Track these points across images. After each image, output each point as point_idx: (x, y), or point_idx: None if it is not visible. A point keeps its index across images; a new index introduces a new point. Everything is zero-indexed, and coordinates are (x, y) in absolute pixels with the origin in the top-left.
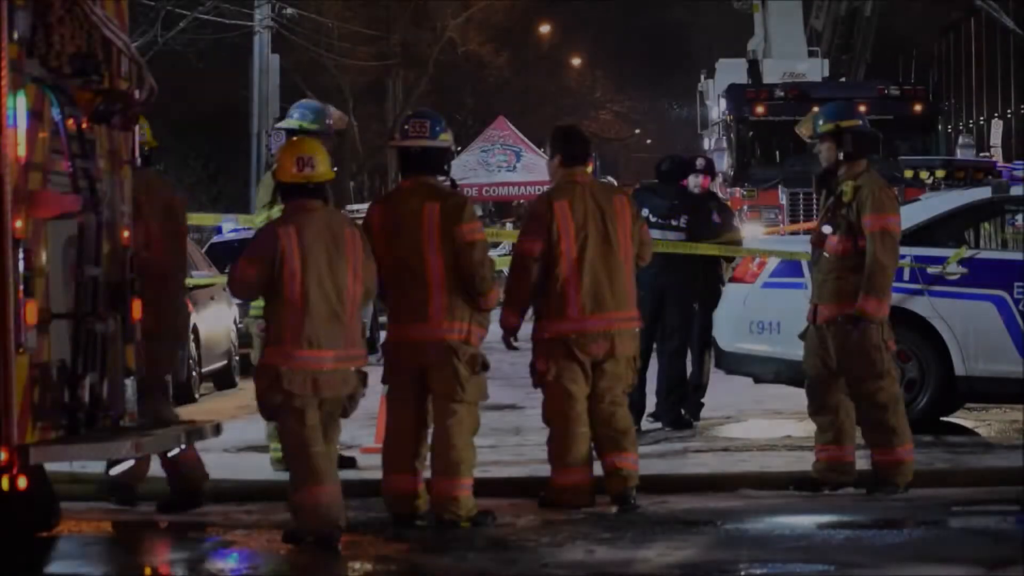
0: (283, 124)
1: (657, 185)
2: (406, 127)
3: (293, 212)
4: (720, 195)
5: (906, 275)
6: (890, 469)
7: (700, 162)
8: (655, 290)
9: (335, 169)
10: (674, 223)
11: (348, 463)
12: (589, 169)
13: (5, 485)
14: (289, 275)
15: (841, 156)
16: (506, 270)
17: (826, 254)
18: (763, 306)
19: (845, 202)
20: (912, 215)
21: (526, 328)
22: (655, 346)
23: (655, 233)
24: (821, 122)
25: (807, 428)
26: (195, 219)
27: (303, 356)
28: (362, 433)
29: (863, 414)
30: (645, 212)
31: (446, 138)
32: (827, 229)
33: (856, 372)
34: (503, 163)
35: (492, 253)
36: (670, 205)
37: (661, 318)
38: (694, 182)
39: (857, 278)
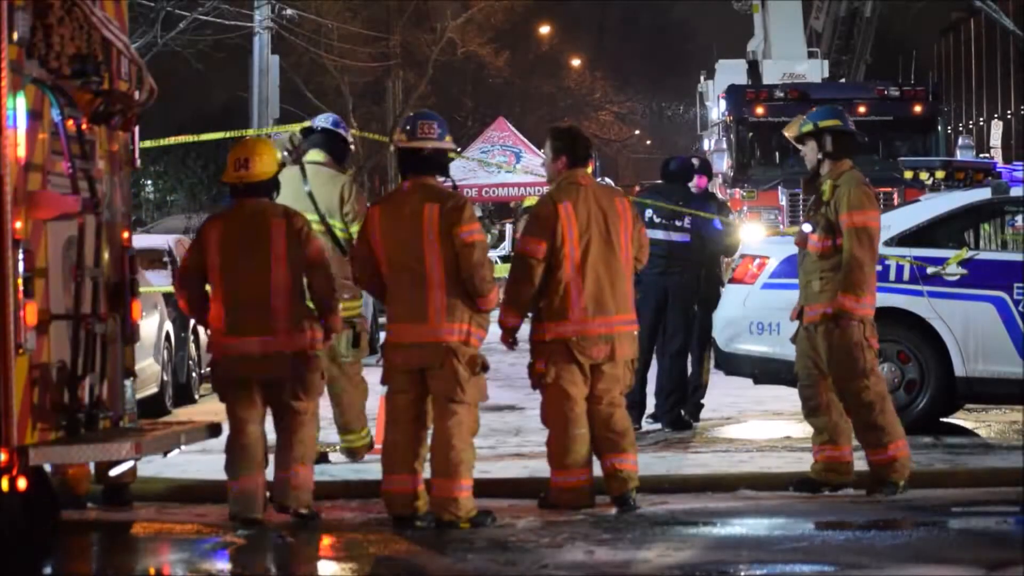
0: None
1: (662, 185)
2: (408, 127)
3: (228, 209)
4: (719, 195)
5: (906, 276)
6: (885, 468)
7: (696, 162)
8: (658, 291)
9: (349, 170)
10: (678, 223)
11: (322, 458)
12: (589, 170)
13: (5, 486)
14: (210, 268)
15: (821, 156)
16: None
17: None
18: (763, 307)
19: (824, 201)
20: (912, 216)
21: (523, 328)
22: (655, 347)
23: (659, 233)
24: (805, 124)
25: (806, 429)
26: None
27: (230, 343)
28: None
29: (852, 414)
30: (649, 213)
31: (449, 139)
32: (807, 228)
33: (840, 371)
34: (503, 164)
35: (491, 254)
36: (675, 206)
37: (663, 319)
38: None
39: (839, 276)
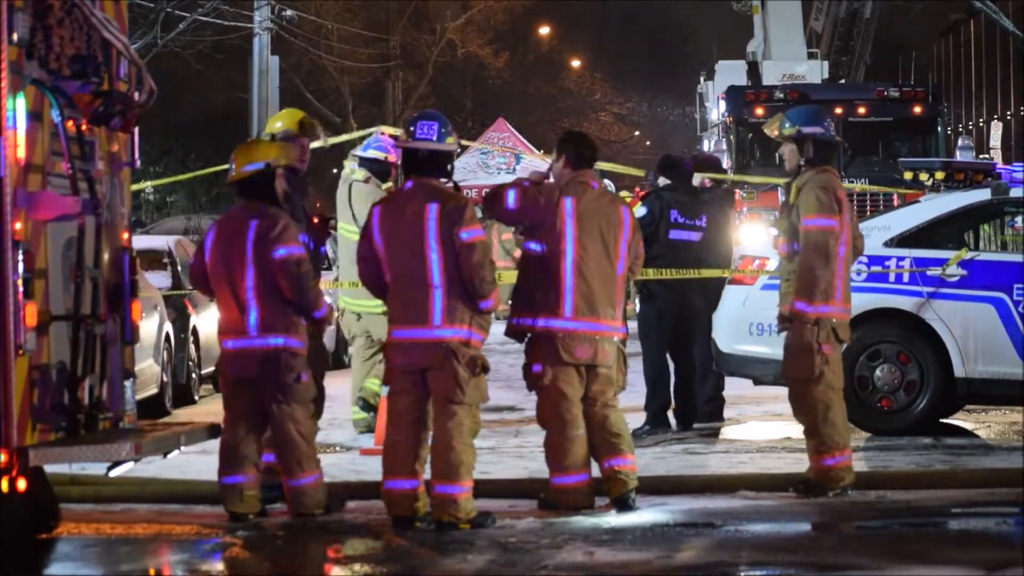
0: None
1: (683, 185)
2: (412, 128)
3: (226, 212)
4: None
5: (905, 277)
6: (820, 475)
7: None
8: (679, 295)
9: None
10: (698, 223)
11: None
12: None
13: (5, 487)
14: (208, 270)
15: (802, 161)
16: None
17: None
18: (763, 307)
19: (790, 205)
20: (912, 217)
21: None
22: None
23: (683, 235)
24: (787, 125)
25: None
26: None
27: (224, 342)
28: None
29: (796, 415)
30: (674, 214)
31: (452, 141)
32: (773, 232)
33: (789, 372)
34: (502, 165)
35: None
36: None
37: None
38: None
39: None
